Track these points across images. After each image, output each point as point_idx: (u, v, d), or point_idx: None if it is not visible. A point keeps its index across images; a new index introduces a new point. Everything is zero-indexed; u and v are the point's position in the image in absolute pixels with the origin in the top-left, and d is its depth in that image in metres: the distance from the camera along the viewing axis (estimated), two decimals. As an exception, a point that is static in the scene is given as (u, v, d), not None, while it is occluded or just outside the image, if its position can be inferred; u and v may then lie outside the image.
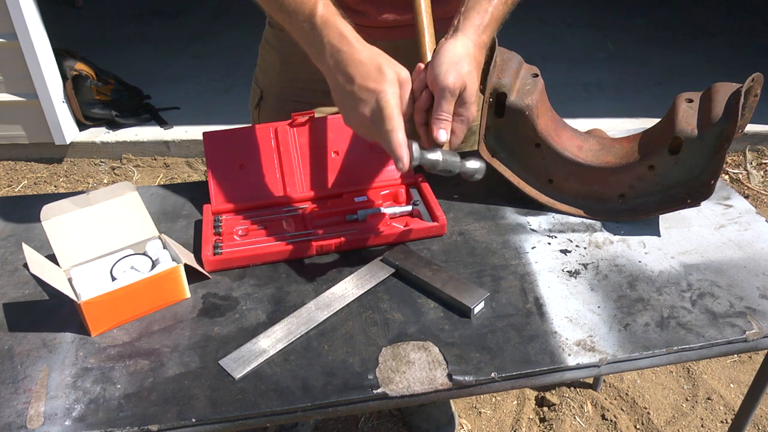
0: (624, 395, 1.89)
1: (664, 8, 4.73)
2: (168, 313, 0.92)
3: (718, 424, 1.80)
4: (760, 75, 0.96)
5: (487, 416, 1.84)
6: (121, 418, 0.76)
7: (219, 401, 0.78)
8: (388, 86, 0.83)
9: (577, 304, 0.92)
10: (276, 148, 1.12)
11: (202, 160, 3.14)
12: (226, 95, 3.54)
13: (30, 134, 3.11)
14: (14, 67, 2.91)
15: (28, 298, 0.95)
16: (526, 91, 1.04)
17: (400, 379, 0.81)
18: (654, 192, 1.06)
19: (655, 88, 3.54)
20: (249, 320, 0.90)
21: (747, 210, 1.12)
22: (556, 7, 4.72)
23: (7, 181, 3.08)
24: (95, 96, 3.13)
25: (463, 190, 1.17)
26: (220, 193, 1.09)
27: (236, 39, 4.18)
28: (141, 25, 4.61)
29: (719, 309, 0.91)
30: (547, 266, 0.99)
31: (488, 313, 0.91)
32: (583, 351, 0.85)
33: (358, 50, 0.85)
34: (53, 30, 2.98)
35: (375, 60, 0.84)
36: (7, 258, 1.04)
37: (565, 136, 1.09)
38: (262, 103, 1.29)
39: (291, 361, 0.84)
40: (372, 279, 0.96)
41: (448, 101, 0.87)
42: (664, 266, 0.99)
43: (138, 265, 0.96)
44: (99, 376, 0.82)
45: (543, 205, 1.12)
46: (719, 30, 4.29)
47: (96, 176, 3.11)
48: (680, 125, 0.98)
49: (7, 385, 0.81)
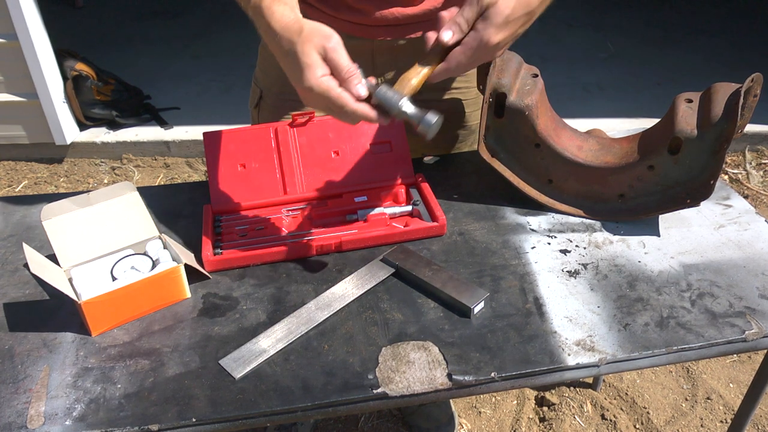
0: (623, 395, 1.89)
1: (664, 8, 4.73)
2: (168, 313, 0.92)
3: (717, 424, 1.80)
4: (760, 75, 0.96)
5: (487, 416, 1.84)
6: (122, 418, 0.76)
7: (219, 401, 0.78)
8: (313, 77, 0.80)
9: (577, 304, 0.92)
10: (276, 148, 1.12)
11: (202, 160, 3.14)
12: (226, 95, 3.55)
13: (30, 134, 3.11)
14: (15, 67, 2.91)
15: (28, 298, 0.95)
16: (525, 91, 1.04)
17: (400, 378, 0.81)
18: (653, 192, 1.06)
19: (655, 88, 3.54)
20: (249, 320, 0.90)
21: (746, 210, 1.12)
22: (556, 7, 4.67)
23: (7, 181, 3.08)
24: (95, 96, 3.13)
25: (463, 190, 1.17)
26: (220, 193, 1.09)
27: (236, 39, 4.18)
28: (141, 25, 4.62)
29: (719, 309, 0.91)
30: (546, 266, 1.00)
31: (488, 313, 0.91)
32: (583, 351, 0.85)
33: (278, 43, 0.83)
34: (53, 30, 2.98)
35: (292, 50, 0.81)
36: (7, 258, 1.04)
37: (564, 136, 1.09)
38: (262, 103, 1.29)
39: (291, 360, 0.84)
40: (372, 279, 0.96)
41: (472, 7, 0.83)
42: (664, 266, 0.99)
43: (138, 265, 0.96)
44: (99, 375, 0.82)
45: (543, 205, 1.12)
46: (719, 30, 4.29)
47: (96, 176, 3.11)
48: (680, 125, 0.98)
49: (8, 385, 0.81)
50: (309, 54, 0.80)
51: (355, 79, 0.81)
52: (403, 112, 0.83)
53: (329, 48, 0.80)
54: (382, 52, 1.19)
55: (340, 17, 1.13)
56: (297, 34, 0.81)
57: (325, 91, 0.80)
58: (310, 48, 0.80)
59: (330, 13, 1.14)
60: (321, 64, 0.81)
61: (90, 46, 3.88)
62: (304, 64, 0.80)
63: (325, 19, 1.15)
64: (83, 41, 3.99)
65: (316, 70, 0.80)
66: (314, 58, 0.80)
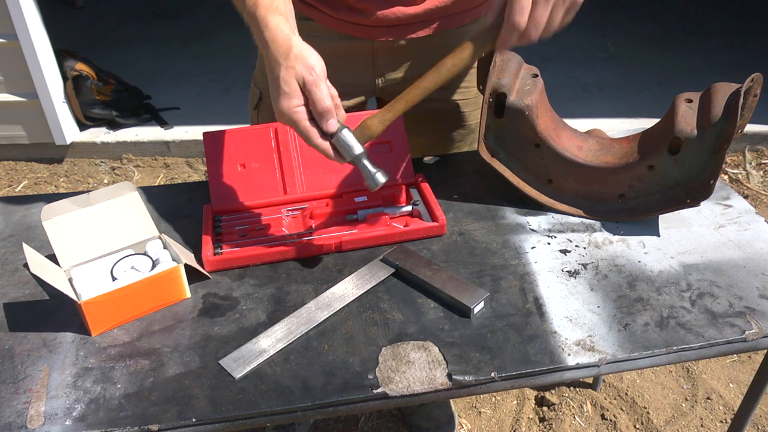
0: (623, 395, 1.89)
1: (664, 8, 4.73)
2: (168, 313, 0.92)
3: (717, 424, 1.80)
4: (760, 75, 0.96)
5: (487, 416, 1.84)
6: (122, 418, 0.76)
7: (219, 401, 0.78)
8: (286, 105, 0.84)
9: (577, 304, 0.92)
10: (276, 148, 1.12)
11: (202, 160, 3.14)
12: (226, 95, 3.55)
13: (30, 134, 3.11)
14: (15, 67, 2.91)
15: (28, 298, 0.95)
16: (525, 91, 1.04)
17: (400, 378, 0.81)
18: (653, 192, 1.06)
19: (655, 88, 3.54)
20: (249, 320, 0.90)
21: (746, 210, 1.12)
22: (556, 7, 4.70)
23: (7, 181, 3.08)
24: (95, 96, 3.13)
25: (463, 190, 1.17)
26: (220, 193, 1.09)
27: (236, 39, 4.17)
28: (141, 25, 4.61)
29: (719, 309, 0.91)
30: (546, 266, 1.00)
31: (488, 313, 0.91)
32: (583, 351, 0.85)
33: (266, 55, 0.86)
34: (53, 30, 2.98)
35: (274, 73, 0.84)
36: (7, 258, 1.04)
37: (564, 137, 1.09)
38: (261, 104, 1.29)
39: (291, 360, 0.84)
40: (372, 279, 0.96)
41: None
42: (664, 266, 0.99)
43: (138, 265, 0.96)
44: (99, 375, 0.82)
45: (543, 205, 1.12)
46: (719, 30, 4.29)
47: (96, 176, 3.11)
48: (680, 125, 0.98)
49: (8, 385, 0.81)
50: (289, 82, 0.83)
51: (327, 115, 0.84)
52: (356, 162, 0.89)
53: (309, 81, 0.83)
54: (382, 53, 1.18)
55: (340, 18, 1.13)
56: (284, 57, 0.84)
57: (295, 122, 0.85)
58: (291, 76, 0.83)
59: (330, 14, 1.14)
60: (298, 94, 0.84)
61: (90, 46, 3.88)
62: (282, 90, 0.83)
63: (326, 19, 1.15)
64: (83, 41, 3.99)
65: (291, 100, 0.84)
66: (293, 87, 0.83)
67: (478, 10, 1.19)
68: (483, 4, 1.20)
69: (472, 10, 1.18)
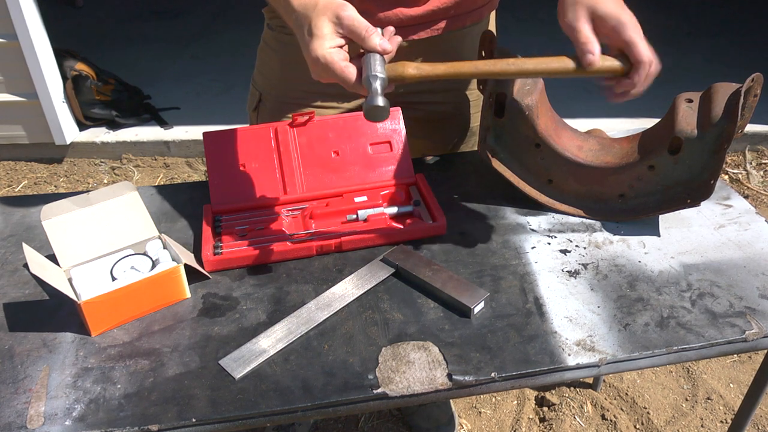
0: (624, 395, 1.89)
1: (664, 8, 4.73)
2: (168, 313, 0.92)
3: (717, 424, 1.80)
4: (760, 75, 0.96)
5: (487, 416, 1.84)
6: (122, 418, 0.76)
7: (219, 401, 0.78)
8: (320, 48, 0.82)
9: (577, 304, 0.92)
10: (276, 148, 1.12)
11: (202, 160, 3.14)
12: (226, 95, 3.55)
13: (30, 134, 3.11)
14: (14, 67, 2.91)
15: (28, 298, 0.95)
16: (526, 91, 1.04)
17: (400, 379, 0.81)
18: (654, 192, 1.06)
19: (655, 88, 3.53)
20: (249, 320, 0.90)
21: (747, 210, 1.12)
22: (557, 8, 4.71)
23: (7, 181, 3.08)
24: (95, 96, 3.13)
25: (463, 190, 1.17)
26: (220, 193, 1.09)
27: (236, 39, 4.18)
28: (141, 25, 4.61)
29: (719, 309, 0.91)
30: (546, 266, 1.00)
31: (488, 313, 0.91)
32: (583, 351, 0.85)
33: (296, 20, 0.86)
34: (53, 30, 2.98)
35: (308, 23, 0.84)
36: (7, 258, 1.04)
37: (565, 136, 1.09)
38: (261, 106, 1.28)
39: (291, 361, 0.84)
40: (372, 279, 0.96)
41: None
42: (664, 266, 0.99)
43: (138, 265, 0.96)
44: (99, 376, 0.82)
45: (543, 205, 1.12)
46: (719, 30, 4.29)
47: (96, 176, 3.11)
48: (680, 125, 0.98)
49: (7, 385, 0.81)
50: (321, 27, 0.82)
51: (375, 35, 0.83)
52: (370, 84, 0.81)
53: (344, 16, 0.82)
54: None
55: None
56: (312, 9, 0.84)
57: (330, 64, 0.82)
58: (323, 20, 0.82)
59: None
60: (331, 37, 0.83)
61: (90, 46, 3.88)
62: (315, 35, 0.82)
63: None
64: (83, 41, 3.99)
65: (324, 42, 0.82)
66: (326, 30, 0.82)
67: (480, 11, 1.19)
68: (485, 6, 1.20)
69: (474, 11, 1.18)
